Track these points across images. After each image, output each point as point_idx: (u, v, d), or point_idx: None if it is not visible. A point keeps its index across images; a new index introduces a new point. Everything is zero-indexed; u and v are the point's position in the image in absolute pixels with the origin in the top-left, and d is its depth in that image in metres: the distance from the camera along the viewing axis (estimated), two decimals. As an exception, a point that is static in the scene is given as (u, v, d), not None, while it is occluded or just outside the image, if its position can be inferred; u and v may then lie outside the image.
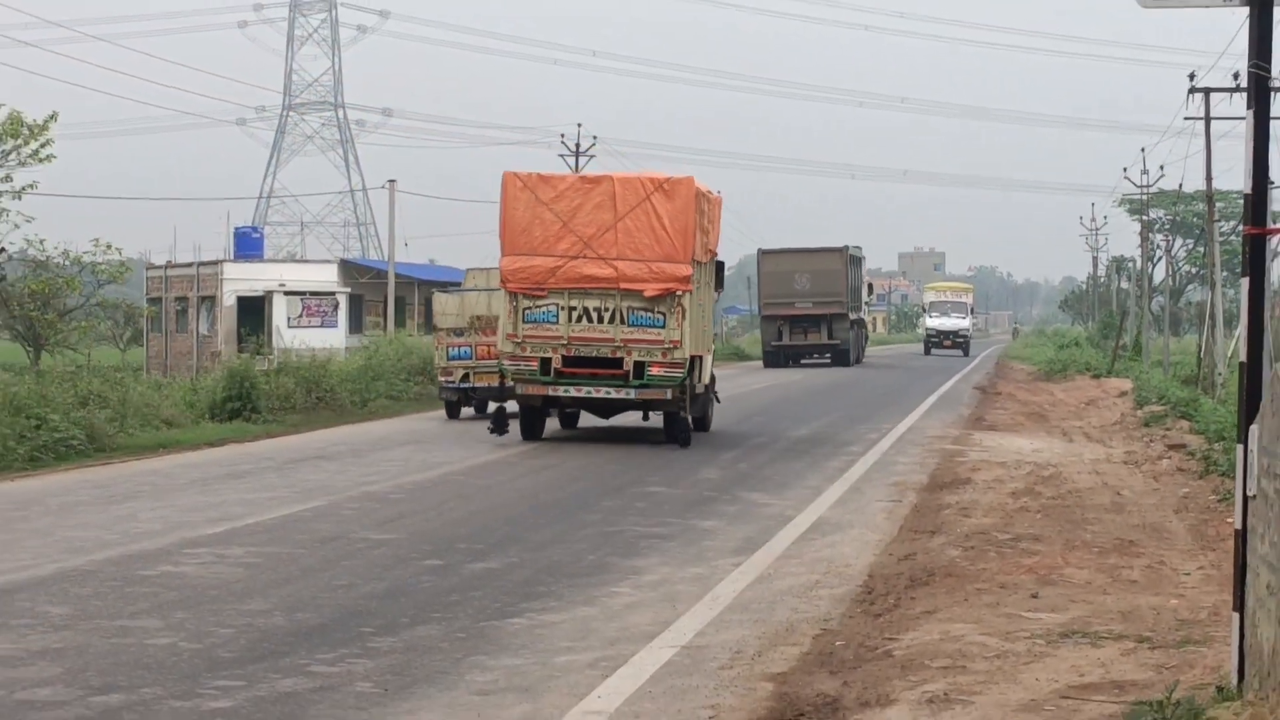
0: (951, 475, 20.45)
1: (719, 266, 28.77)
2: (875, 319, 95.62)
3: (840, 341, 61.96)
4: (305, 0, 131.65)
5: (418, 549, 14.20)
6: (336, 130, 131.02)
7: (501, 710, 8.68)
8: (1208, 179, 43.58)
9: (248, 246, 61.82)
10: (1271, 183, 7.70)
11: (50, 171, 49.02)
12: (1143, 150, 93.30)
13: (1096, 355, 64.31)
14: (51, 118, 48.61)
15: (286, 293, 56.27)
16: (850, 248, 63.90)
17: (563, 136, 68.83)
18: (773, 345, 62.31)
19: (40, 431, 22.55)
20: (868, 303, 73.61)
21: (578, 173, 28.08)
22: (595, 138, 69.21)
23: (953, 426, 29.69)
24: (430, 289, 63.92)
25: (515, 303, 24.87)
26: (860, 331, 68.02)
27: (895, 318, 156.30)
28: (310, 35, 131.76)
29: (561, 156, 68.20)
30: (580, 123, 69.16)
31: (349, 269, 63.47)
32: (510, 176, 25.30)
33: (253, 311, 55.29)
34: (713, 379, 28.64)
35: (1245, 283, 7.79)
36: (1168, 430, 26.41)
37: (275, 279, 57.31)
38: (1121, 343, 63.20)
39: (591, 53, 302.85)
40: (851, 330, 63.02)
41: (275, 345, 45.83)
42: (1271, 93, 7.67)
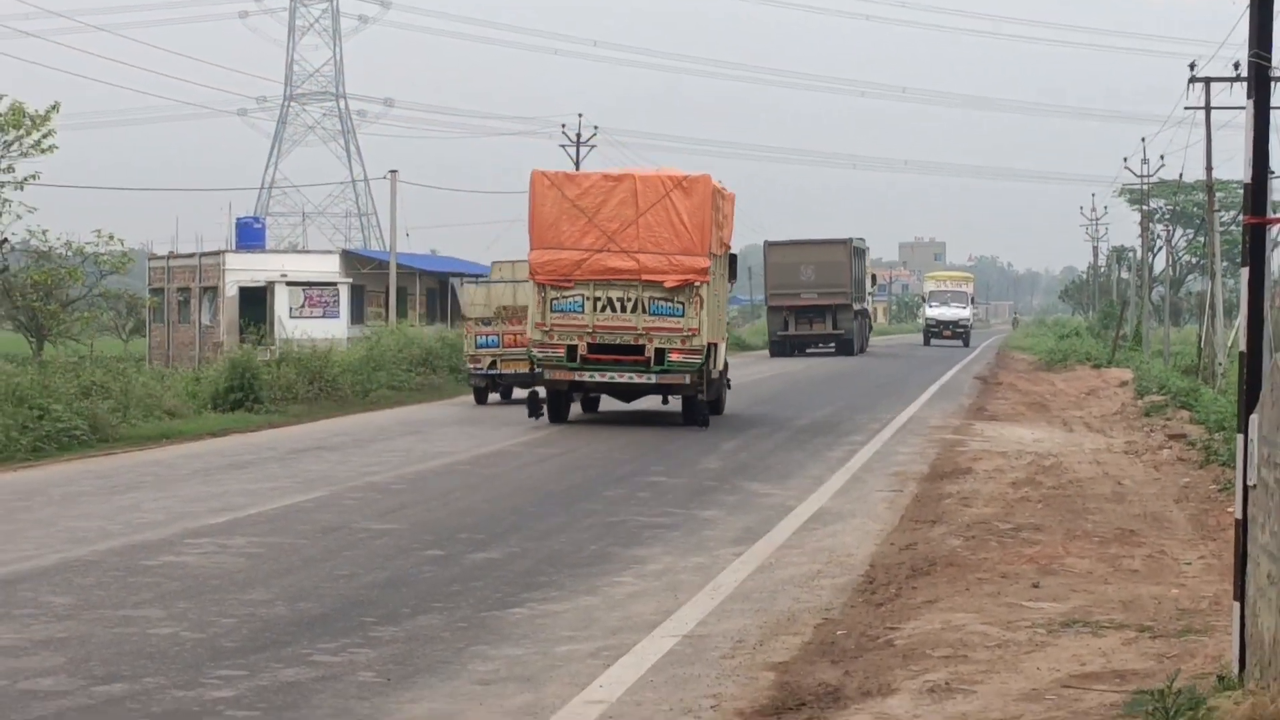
0: (952, 465, 20.46)
1: (732, 259, 29.75)
2: (877, 309, 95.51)
3: (845, 331, 62.54)
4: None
5: (420, 539, 14.20)
6: (338, 121, 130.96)
7: (503, 700, 8.69)
8: (1208, 169, 43.59)
9: (250, 237, 61.83)
10: (1272, 172, 7.69)
11: (52, 162, 48.99)
12: (1143, 140, 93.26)
13: (1097, 345, 64.32)
14: (53, 108, 48.54)
15: (288, 283, 56.28)
16: (854, 240, 64.61)
17: (564, 127, 68.91)
18: (779, 335, 62.99)
19: (43, 422, 22.56)
20: (871, 293, 74.26)
21: (599, 171, 28.46)
22: (596, 128, 69.29)
23: (953, 416, 29.70)
24: (432, 279, 64.19)
25: (544, 293, 26.08)
26: (864, 322, 68.82)
27: (896, 307, 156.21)
28: (311, 25, 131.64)
29: (562, 147, 68.32)
30: (581, 113, 69.35)
31: (351, 259, 63.49)
32: (538, 175, 26.55)
33: (255, 302, 55.30)
34: (726, 365, 29.72)
35: (1245, 272, 7.79)
36: (1168, 420, 26.42)
37: (277, 269, 57.32)
38: (1122, 333, 63.21)
39: (592, 43, 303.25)
40: (855, 320, 63.79)
41: (277, 336, 45.84)
42: (1272, 82, 7.66)
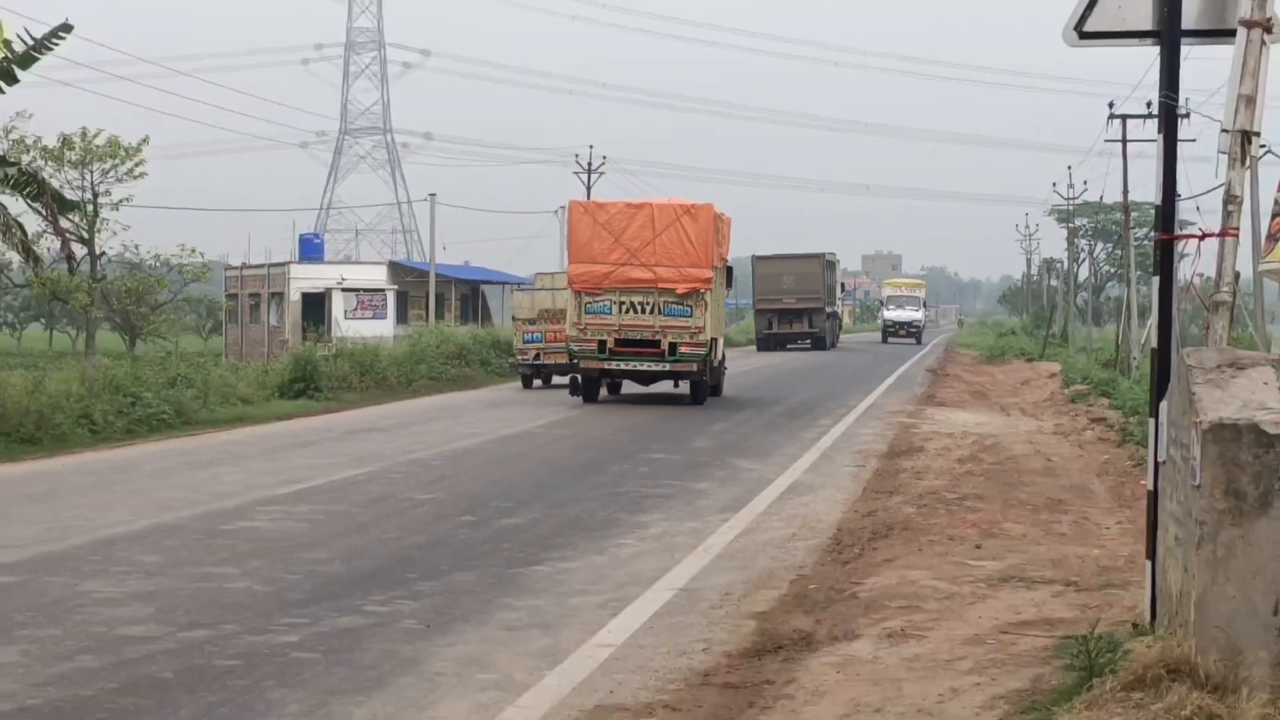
0: (907, 444, 20.45)
1: (729, 270, 31.23)
2: (844, 312, 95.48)
3: (819, 330, 63.82)
4: (359, 41, 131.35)
5: (455, 507, 14.21)
6: (385, 152, 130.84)
7: (527, 644, 8.70)
8: (1124, 192, 43.57)
9: (310, 250, 61.72)
10: (1178, 195, 7.68)
11: (143, 187, 48.72)
12: (1069, 168, 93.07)
13: (1030, 342, 64.29)
14: (144, 141, 48.20)
15: (343, 290, 56.21)
16: (827, 254, 66.27)
17: (577, 156, 68.73)
18: (764, 333, 64.09)
19: (136, 407, 22.57)
20: (840, 299, 75.84)
21: (623, 200, 30.19)
22: (605, 157, 69.09)
23: (908, 403, 29.69)
24: (465, 286, 64.15)
25: (579, 299, 27.91)
26: (835, 322, 70.04)
27: (859, 310, 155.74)
28: (363, 71, 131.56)
29: (575, 173, 68.12)
30: (592, 145, 69.15)
31: (396, 269, 63.36)
32: (575, 204, 29.55)
33: (315, 306, 55.26)
34: (724, 355, 31.64)
35: (1156, 281, 7.79)
36: (1091, 406, 26.41)
37: (334, 278, 57.24)
38: (1051, 332, 63.25)
39: (602, 84, 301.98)
40: (828, 321, 65.23)
41: (334, 334, 45.85)
42: (1178, 119, 7.65)
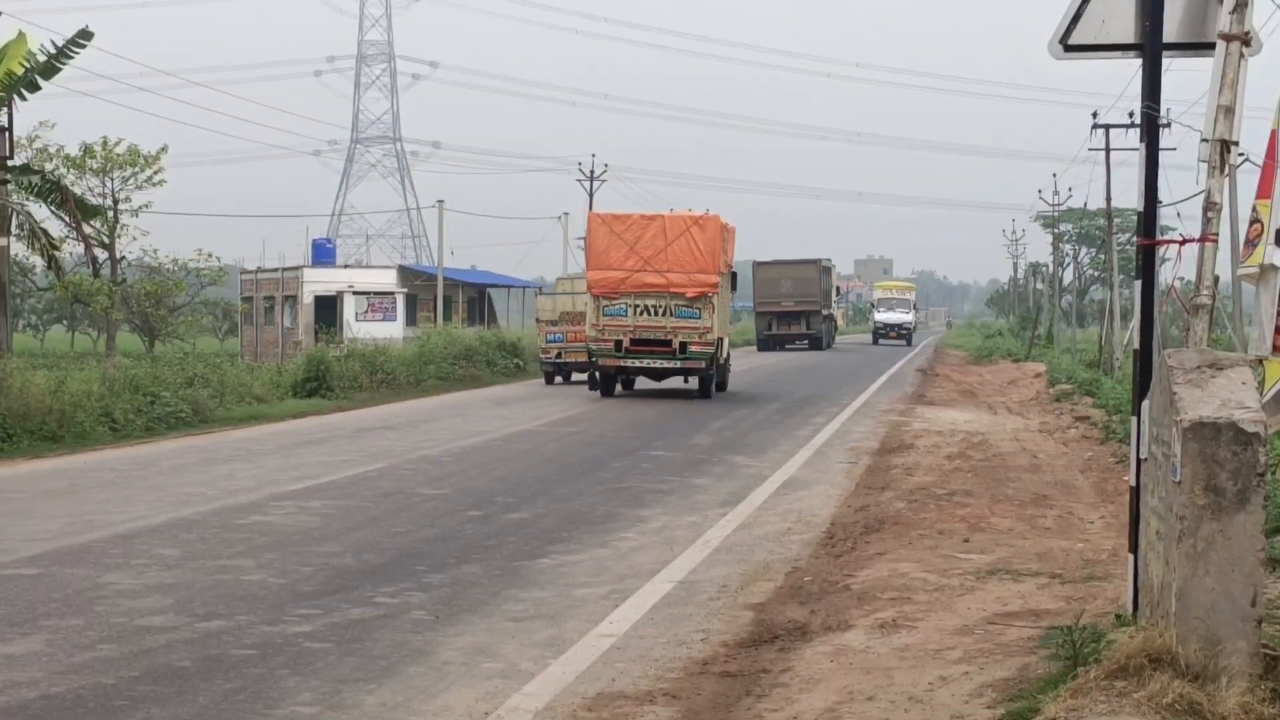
0: (898, 441, 20.45)
1: (734, 276, 32.34)
2: (838, 314, 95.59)
3: (816, 332, 64.80)
4: (369, 54, 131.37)
5: (463, 502, 14.22)
6: (395, 160, 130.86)
7: (532, 634, 8.71)
8: (1107, 199, 43.55)
9: (323, 255, 61.71)
10: (1159, 202, 7.68)
11: (162, 193, 49.03)
12: (1054, 175, 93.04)
13: (1016, 344, 64.27)
14: (162, 150, 48.56)
15: (355, 293, 56.21)
16: (823, 260, 67.94)
17: (580, 164, 68.77)
18: (765, 334, 65.29)
19: (155, 406, 22.59)
20: (835, 302, 77.65)
21: (638, 213, 31.91)
22: (606, 165, 69.18)
23: (899, 402, 29.70)
24: (472, 289, 64.14)
25: (598, 303, 29.02)
26: (831, 324, 71.46)
27: (851, 312, 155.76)
28: (373, 82, 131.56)
29: (579, 181, 68.14)
30: (594, 153, 69.19)
31: (406, 273, 63.33)
32: (594, 215, 30.83)
33: (327, 308, 55.27)
34: (729, 354, 32.79)
35: (1138, 284, 7.79)
36: (1075, 405, 26.41)
37: (345, 282, 57.26)
38: (1037, 333, 63.19)
39: (604, 96, 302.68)
40: (824, 323, 66.61)
41: (345, 336, 45.84)
42: (1159, 129, 7.65)
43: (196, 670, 7.74)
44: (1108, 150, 42.03)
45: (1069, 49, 7.83)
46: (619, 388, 30.66)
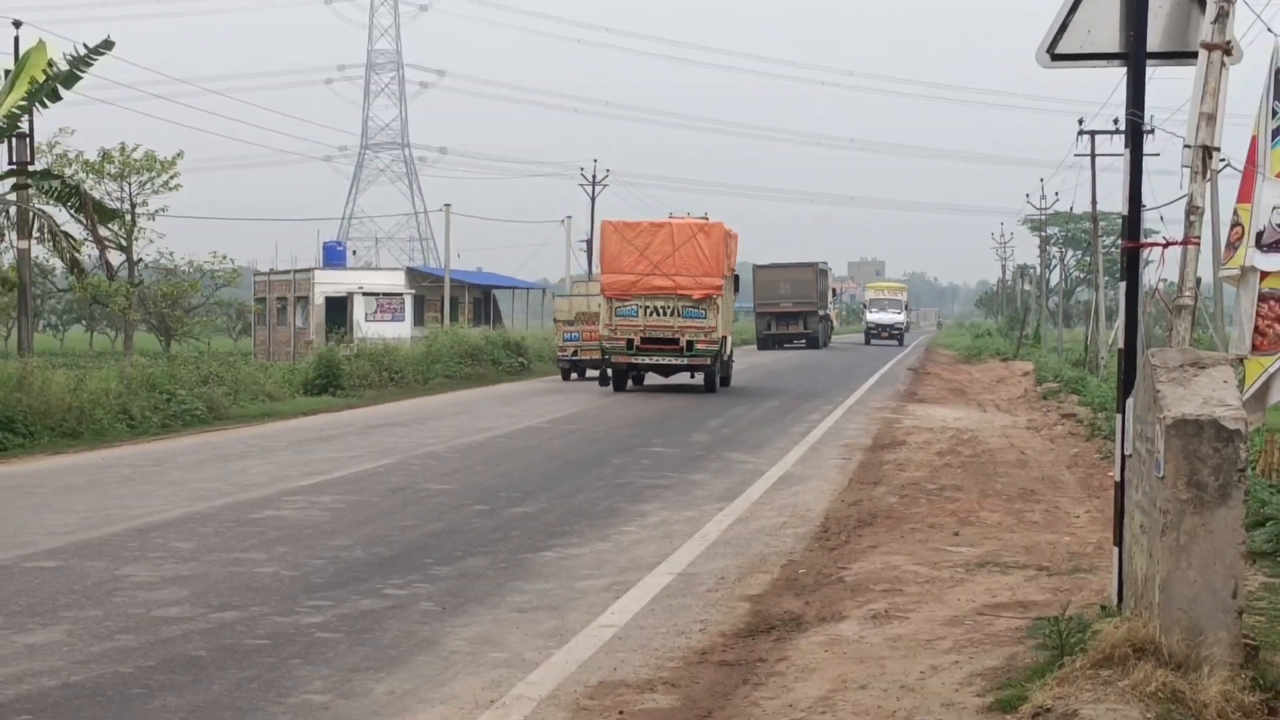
0: (890, 438, 20.45)
1: (736, 279, 33.60)
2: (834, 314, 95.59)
3: (813, 331, 66.03)
4: (379, 62, 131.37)
5: (469, 497, 14.21)
6: (403, 165, 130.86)
7: (536, 624, 8.70)
8: (1093, 203, 43.61)
9: (333, 257, 61.69)
10: (1143, 206, 7.68)
11: (177, 198, 49.22)
12: (1041, 180, 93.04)
13: (1005, 343, 64.24)
14: (178, 155, 48.71)
15: (364, 294, 56.25)
16: (820, 263, 69.69)
17: (582, 170, 68.72)
18: (764, 334, 66.03)
19: (170, 404, 22.60)
20: (831, 303, 79.06)
21: (648, 220, 32.60)
22: (608, 171, 69.14)
23: (891, 400, 29.68)
24: (478, 290, 64.12)
25: (611, 305, 30.04)
26: (827, 324, 72.82)
27: (845, 313, 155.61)
28: (382, 90, 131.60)
29: (580, 186, 68.09)
30: (596, 159, 69.25)
31: (413, 275, 63.30)
32: (607, 223, 31.50)
33: (338, 309, 55.27)
34: (732, 351, 33.87)
35: (1123, 286, 7.79)
36: (1061, 402, 26.41)
37: (355, 283, 57.28)
38: (1024, 333, 63.14)
39: (605, 103, 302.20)
40: (820, 323, 68.06)
41: (355, 335, 45.87)
42: (1144, 135, 7.65)
43: (211, 659, 7.74)
44: (1093, 156, 42.11)
45: (1056, 58, 7.84)
46: (630, 383, 31.53)
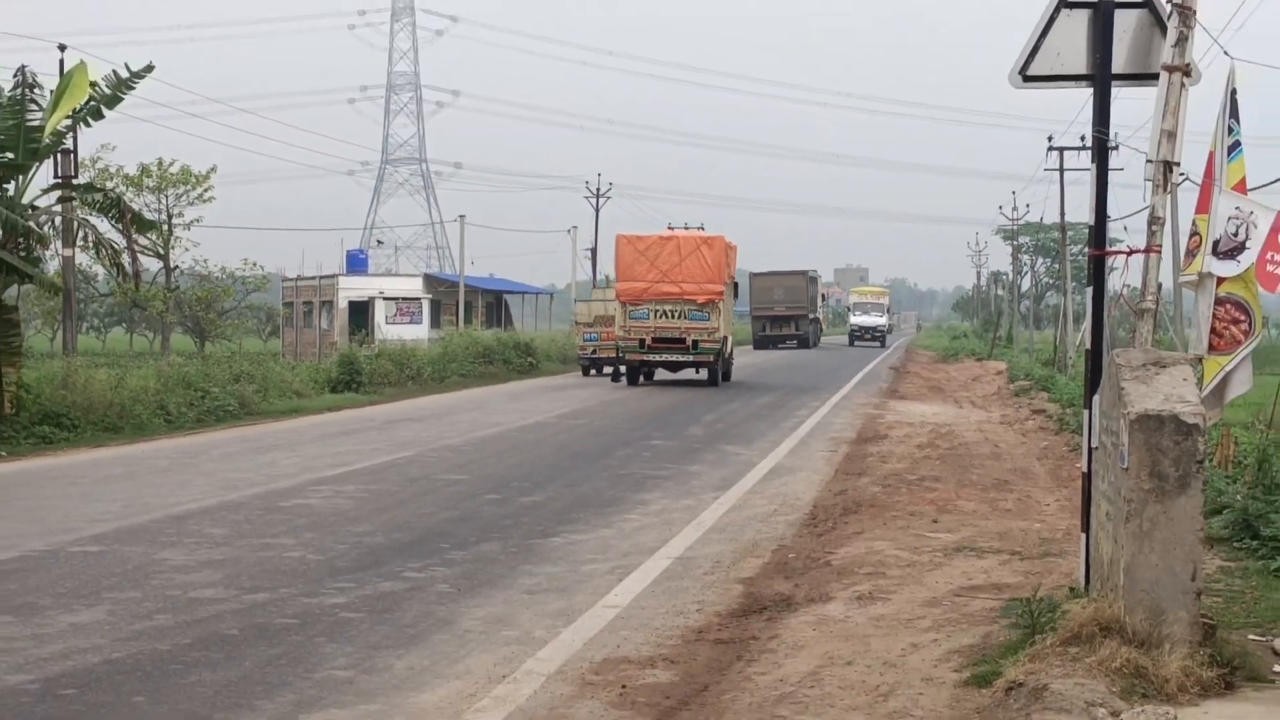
0: (873, 432, 20.45)
1: (735, 286, 34.91)
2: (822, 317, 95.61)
3: (804, 333, 67.77)
4: (398, 83, 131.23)
5: (482, 486, 14.22)
6: (421, 179, 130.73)
7: (545, 605, 8.71)
8: (1061, 214, 43.58)
9: (356, 264, 61.66)
10: (1108, 216, 7.68)
11: (211, 209, 49.31)
12: (1014, 193, 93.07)
13: (979, 344, 64.28)
14: (212, 169, 48.74)
15: (385, 298, 56.19)
16: (810, 271, 72.02)
17: (587, 183, 68.48)
18: (760, 335, 67.66)
19: (205, 400, 22.60)
20: (821, 307, 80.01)
21: (657, 234, 33.43)
22: (611, 184, 68.93)
23: (874, 396, 29.68)
24: (490, 295, 64.12)
25: (625, 308, 31.47)
26: (817, 326, 74.37)
27: (830, 316, 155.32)
28: (401, 109, 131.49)
29: (585, 198, 67.91)
30: (600, 173, 69.11)
31: (430, 281, 63.20)
32: (620, 237, 32.54)
33: (360, 312, 55.24)
34: (732, 350, 35.26)
35: (1089, 291, 7.80)
36: (1032, 399, 26.42)
37: (376, 289, 57.23)
38: (998, 335, 63.20)
39: (609, 121, 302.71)
40: (811, 326, 70.07)
41: (376, 337, 45.88)
42: (1109, 151, 7.66)
43: (243, 637, 7.74)
44: (1061, 170, 42.09)
45: (1028, 79, 7.85)
46: (641, 378, 32.84)
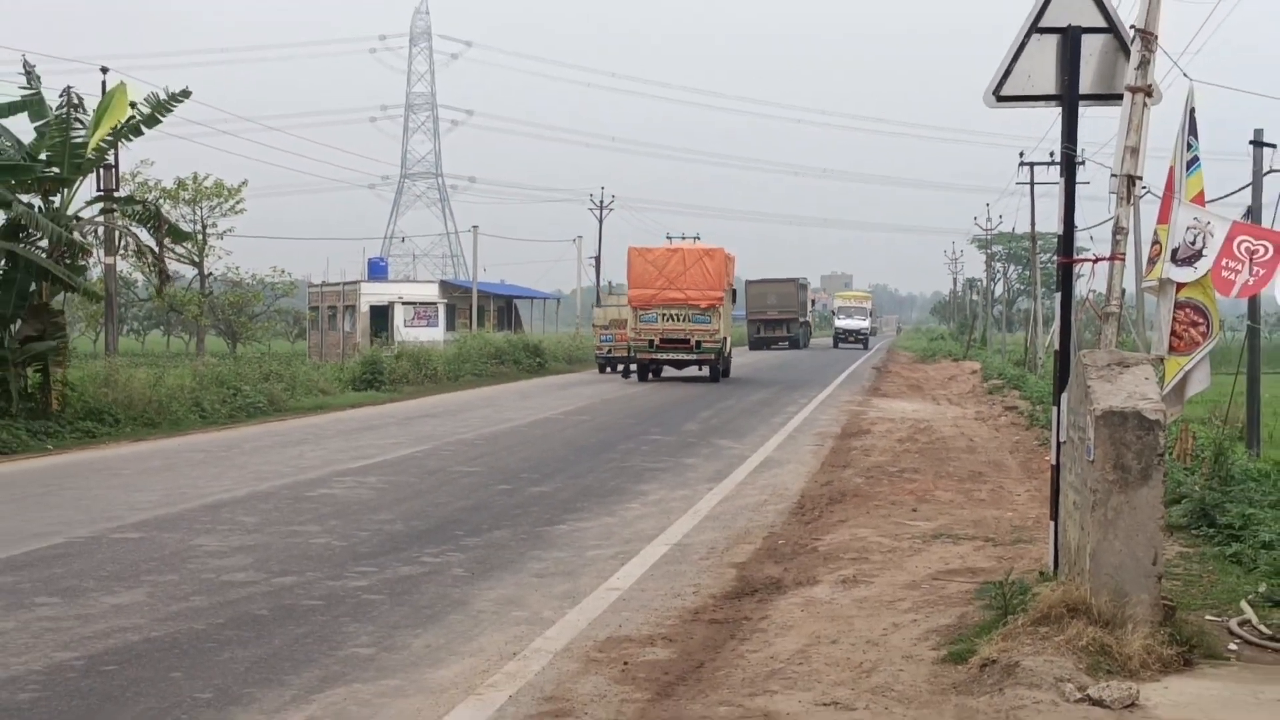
0: (857, 427, 20.43)
1: (734, 292, 36.60)
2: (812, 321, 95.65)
3: (795, 335, 69.97)
4: (415, 103, 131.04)
5: (494, 478, 14.21)
6: (437, 192, 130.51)
7: (552, 587, 8.70)
8: (1032, 224, 43.48)
9: (377, 271, 61.66)
10: (1076, 226, 7.68)
11: (243, 220, 49.31)
12: (987, 205, 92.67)
13: (956, 346, 64.24)
14: (243, 183, 48.76)
15: (403, 303, 56.23)
16: (801, 278, 75.18)
17: (591, 195, 68.54)
18: (755, 337, 69.35)
19: (237, 397, 22.60)
20: (811, 312, 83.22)
21: (664, 246, 34.79)
22: (614, 196, 68.95)
23: (857, 394, 29.67)
24: (501, 300, 64.10)
25: (636, 313, 32.86)
26: (807, 329, 77.04)
27: (817, 320, 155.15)
28: (419, 127, 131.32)
29: (590, 210, 67.92)
30: (603, 186, 69.14)
31: (446, 287, 63.26)
32: (632, 249, 33.53)
33: (381, 316, 55.28)
34: (731, 349, 36.44)
35: (1058, 296, 7.79)
36: (1005, 397, 26.40)
37: (396, 294, 57.26)
38: (973, 337, 63.17)
39: (611, 138, 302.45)
40: (801, 328, 72.33)
41: (396, 339, 45.87)
42: (1076, 166, 7.66)
43: (272, 617, 7.74)
44: (1032, 184, 42.03)
45: (1001, 99, 7.85)
46: (650, 375, 34.12)
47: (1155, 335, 7.75)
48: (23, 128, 19.04)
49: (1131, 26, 7.32)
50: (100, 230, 21.33)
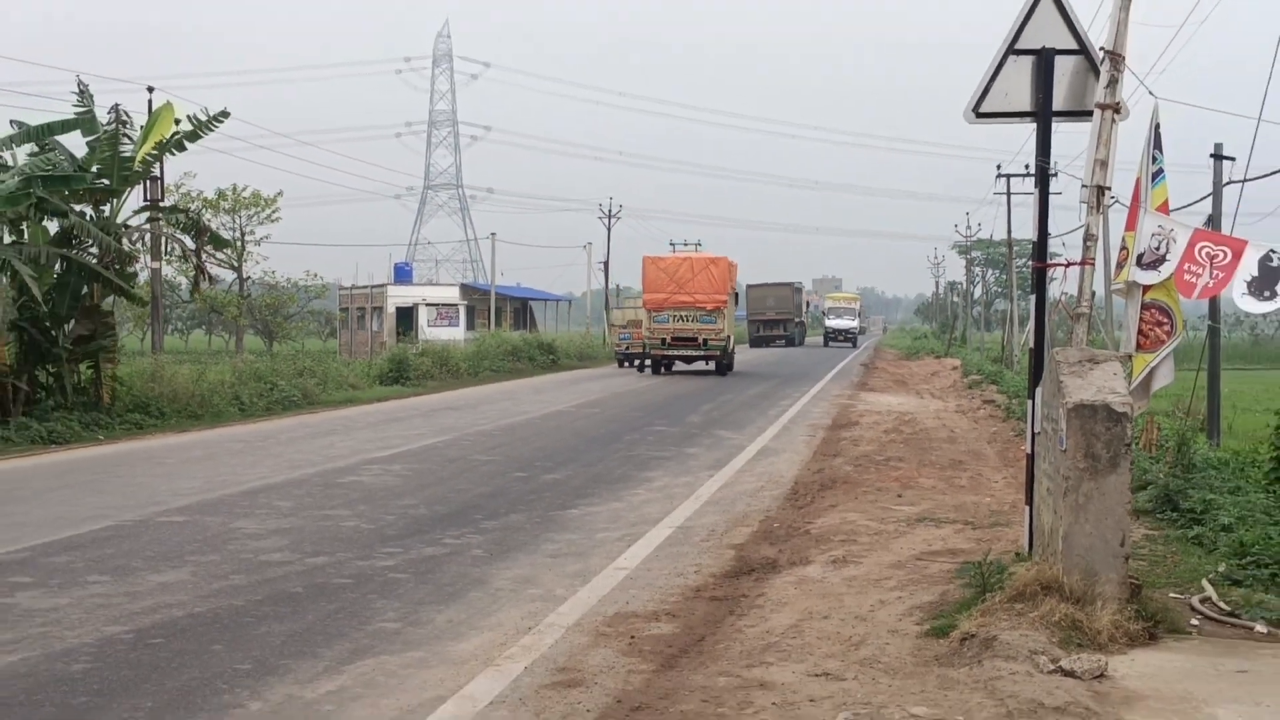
0: (846, 419, 20.42)
1: (736, 295, 38.58)
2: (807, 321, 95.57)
3: (790, 334, 71.38)
4: (438, 120, 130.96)
5: (510, 465, 14.21)
6: (458, 202, 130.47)
7: (565, 567, 8.71)
8: (1008, 231, 43.46)
9: (402, 275, 61.62)
10: (1049, 234, 7.67)
11: (279, 227, 49.45)
12: (967, 214, 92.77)
13: (938, 344, 64.12)
14: (279, 194, 48.93)
15: (427, 304, 56.22)
16: (796, 283, 75.09)
17: (600, 206, 68.47)
18: (755, 336, 70.55)
19: (273, 391, 22.62)
20: (806, 313, 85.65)
21: (675, 254, 36.26)
22: (622, 206, 68.82)
23: (847, 389, 29.64)
24: (518, 302, 64.08)
25: (650, 314, 34.51)
26: (802, 329, 78.94)
27: (809, 320, 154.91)
28: (441, 142, 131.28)
29: (599, 218, 67.84)
30: (611, 197, 69.10)
31: (466, 290, 63.22)
32: (647, 258, 34.77)
33: (406, 317, 55.26)
34: (734, 347, 37.87)
35: (1033, 298, 7.78)
36: (983, 391, 26.37)
37: (420, 296, 57.24)
38: (953, 336, 63.11)
39: (619, 152, 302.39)
40: (796, 328, 72.79)
41: (420, 338, 45.90)
42: (1049, 177, 7.65)
43: (306, 595, 7.75)
44: (1009, 194, 42.00)
45: (979, 115, 7.84)
46: (662, 369, 35.38)
47: (1123, 334, 7.73)
48: (75, 143, 19.09)
49: (1101, 48, 7.30)
50: (147, 237, 21.35)
